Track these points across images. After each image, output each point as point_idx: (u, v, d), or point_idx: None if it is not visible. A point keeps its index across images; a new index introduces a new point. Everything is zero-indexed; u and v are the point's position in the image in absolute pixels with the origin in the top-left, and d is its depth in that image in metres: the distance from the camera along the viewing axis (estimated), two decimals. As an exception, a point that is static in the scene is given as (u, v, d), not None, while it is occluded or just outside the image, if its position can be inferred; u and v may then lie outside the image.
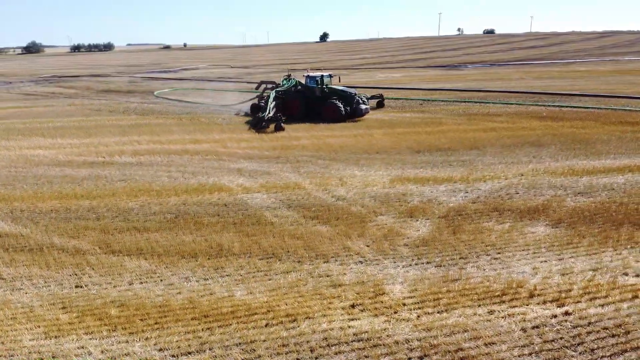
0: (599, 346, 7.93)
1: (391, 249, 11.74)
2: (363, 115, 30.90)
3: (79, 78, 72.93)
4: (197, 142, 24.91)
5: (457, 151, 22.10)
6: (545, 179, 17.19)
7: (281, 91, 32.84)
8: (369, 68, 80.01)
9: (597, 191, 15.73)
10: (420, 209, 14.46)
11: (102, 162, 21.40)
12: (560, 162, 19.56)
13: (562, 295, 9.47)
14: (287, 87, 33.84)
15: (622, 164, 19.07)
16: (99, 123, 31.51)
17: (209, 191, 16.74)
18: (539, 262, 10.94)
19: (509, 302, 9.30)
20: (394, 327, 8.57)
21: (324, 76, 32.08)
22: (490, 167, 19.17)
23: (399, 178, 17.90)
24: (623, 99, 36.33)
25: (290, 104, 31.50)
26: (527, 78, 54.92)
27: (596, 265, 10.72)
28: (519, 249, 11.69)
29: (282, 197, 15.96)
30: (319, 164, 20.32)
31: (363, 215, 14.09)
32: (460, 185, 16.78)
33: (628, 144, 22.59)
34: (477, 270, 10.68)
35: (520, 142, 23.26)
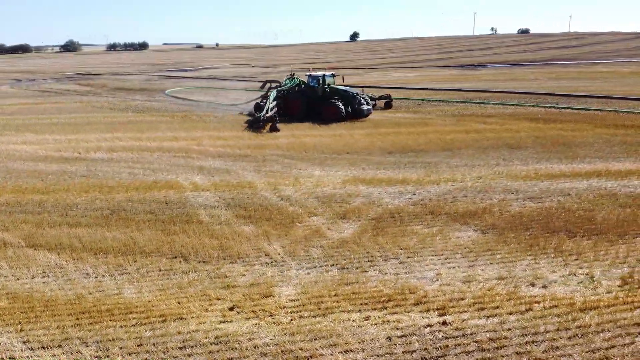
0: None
1: (304, 251, 11.50)
2: (365, 115, 30.19)
3: (101, 76, 74.74)
4: (175, 140, 25.12)
5: (429, 152, 21.59)
6: (502, 183, 16.58)
7: (283, 91, 32.56)
8: (386, 68, 79.22)
9: (550, 196, 15.06)
10: (356, 210, 14.15)
11: (76, 158, 21.79)
12: (528, 165, 18.85)
13: (451, 304, 9.07)
14: (289, 86, 33.61)
15: (593, 168, 18.24)
16: (93, 120, 32.19)
17: (158, 188, 16.82)
18: (446, 268, 10.52)
19: (391, 309, 8.96)
20: (259, 331, 8.38)
21: (325, 76, 31.53)
22: (453, 169, 18.63)
23: (354, 179, 17.59)
24: (631, 100, 34.76)
25: (291, 103, 31.19)
26: (542, 79, 53.30)
27: (505, 273, 10.23)
28: (433, 253, 11.28)
29: (227, 196, 15.89)
30: (284, 163, 20.18)
31: (297, 215, 13.88)
32: (411, 188, 16.35)
33: (612, 147, 21.61)
34: (378, 274, 10.36)
35: (499, 144, 22.55)
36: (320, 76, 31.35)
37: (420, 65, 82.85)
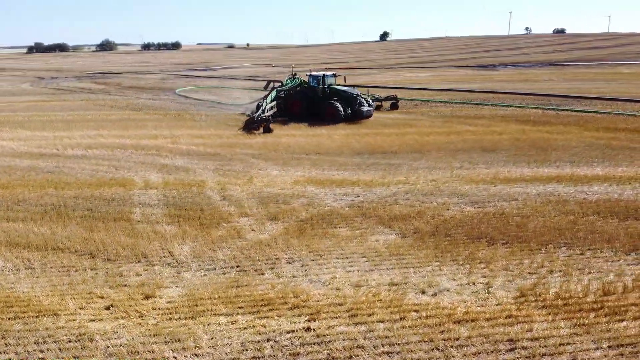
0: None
1: (212, 252, 11.39)
2: (365, 117, 29.52)
3: (121, 75, 76.43)
4: (155, 138, 25.40)
5: (398, 154, 21.19)
6: (453, 186, 16.10)
7: (284, 91, 32.31)
8: (402, 67, 78.30)
9: (495, 201, 14.52)
10: (290, 211, 13.97)
11: (52, 155, 22.27)
12: (491, 169, 18.26)
13: (327, 309, 8.82)
14: (290, 86, 33.38)
15: (558, 172, 17.54)
16: (89, 117, 32.88)
17: (110, 186, 17.01)
18: (344, 272, 10.25)
19: (263, 313, 8.77)
20: (120, 331, 8.33)
21: (326, 76, 30.97)
22: (413, 171, 18.22)
23: (307, 179, 17.39)
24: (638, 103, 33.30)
25: (291, 104, 30.88)
26: (557, 79, 51.71)
27: (401, 279, 9.89)
28: (341, 256, 11.01)
29: (171, 194, 15.93)
30: (248, 163, 20.15)
31: (227, 216, 13.79)
32: (359, 189, 16.04)
33: (592, 151, 20.75)
34: (274, 277, 10.17)
35: (473, 147, 21.96)
36: (320, 76, 30.76)
37: (439, 65, 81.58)
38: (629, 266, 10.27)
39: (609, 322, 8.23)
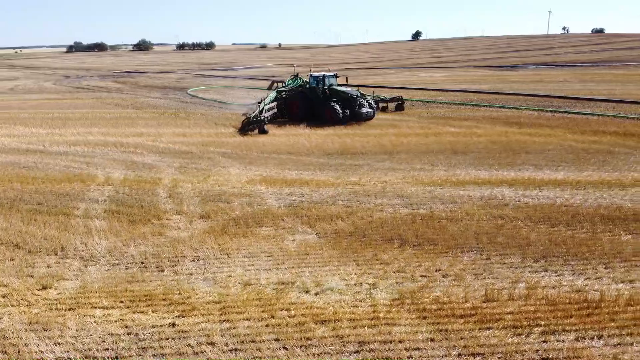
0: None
1: (125, 248, 11.68)
2: (364, 118, 29.06)
3: (143, 74, 78.44)
4: (139, 136, 26.07)
5: (367, 155, 21.15)
6: (400, 188, 15.99)
7: (284, 91, 32.17)
8: (421, 67, 77.46)
9: (431, 203, 14.36)
10: (225, 210, 14.17)
11: (36, 150, 23.16)
12: (449, 172, 18.04)
13: (203, 306, 8.97)
14: (291, 87, 33.23)
15: (516, 176, 17.20)
16: (87, 115, 33.97)
17: (71, 181, 17.60)
18: (241, 270, 10.38)
19: (140, 307, 8.99)
20: (5, 317, 8.70)
21: (325, 76, 30.65)
22: (370, 172, 18.16)
23: (262, 178, 17.57)
24: None
25: (292, 104, 30.61)
26: (572, 80, 50.26)
27: (291, 279, 9.95)
28: (247, 255, 11.14)
29: (124, 191, 16.36)
30: (214, 161, 20.50)
31: (161, 213, 14.08)
32: (307, 189, 16.12)
33: (565, 155, 20.25)
34: (171, 274, 10.39)
35: (444, 149, 21.72)
36: (320, 77, 30.41)
37: (461, 65, 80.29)
38: (529, 274, 10.01)
39: (473, 329, 8.08)
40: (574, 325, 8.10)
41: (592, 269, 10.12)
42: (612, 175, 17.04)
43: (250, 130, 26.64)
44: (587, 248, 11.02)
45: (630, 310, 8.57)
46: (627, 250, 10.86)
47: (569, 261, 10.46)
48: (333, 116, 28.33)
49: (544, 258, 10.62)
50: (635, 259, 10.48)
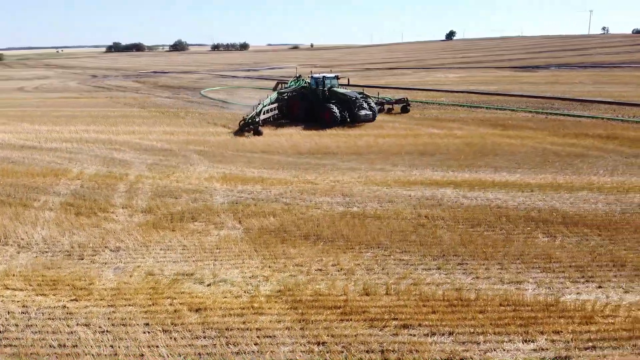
0: None
1: (59, 237, 12.44)
2: (362, 120, 28.79)
3: (166, 74, 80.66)
4: (130, 133, 27.17)
5: (337, 155, 21.54)
6: (347, 187, 16.34)
7: (286, 93, 32.25)
8: (441, 68, 76.75)
9: (368, 202, 14.65)
10: (169, 205, 14.84)
11: (30, 146, 24.48)
12: (405, 172, 18.28)
13: (97, 293, 9.62)
14: (293, 88, 33.36)
15: (469, 177, 17.28)
16: (93, 113, 35.46)
17: (45, 175, 18.66)
18: (153, 262, 10.96)
19: (43, 290, 9.71)
20: None
21: (326, 77, 30.57)
22: (330, 171, 18.55)
23: (223, 176, 18.18)
24: None
25: (292, 106, 30.75)
26: (587, 82, 49.04)
27: (193, 270, 10.49)
28: (165, 248, 11.71)
29: (89, 185, 17.27)
30: (187, 158, 21.29)
31: (109, 207, 14.82)
32: (258, 187, 16.64)
33: (534, 158, 20.14)
34: (88, 262, 11.07)
35: (415, 150, 21.92)
36: (320, 78, 30.43)
37: (483, 65, 79.13)
38: (422, 271, 10.25)
39: (334, 320, 8.43)
40: (433, 321, 8.34)
41: (485, 269, 10.28)
42: (569, 178, 16.89)
43: (247, 132, 26.81)
44: (493, 249, 11.15)
45: (500, 310, 8.73)
46: (532, 252, 10.93)
47: (466, 260, 10.63)
48: (330, 118, 28.20)
49: (444, 257, 10.82)
50: (536, 261, 10.56)
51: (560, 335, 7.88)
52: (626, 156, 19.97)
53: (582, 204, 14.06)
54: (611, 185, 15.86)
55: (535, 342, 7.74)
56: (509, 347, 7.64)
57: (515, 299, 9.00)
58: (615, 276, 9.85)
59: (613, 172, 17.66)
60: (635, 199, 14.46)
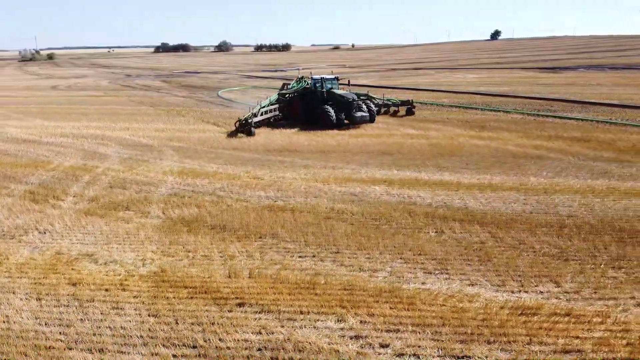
0: None
1: (2, 219, 13.97)
2: (358, 122, 28.74)
3: (196, 74, 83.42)
4: (124, 130, 28.96)
5: (300, 153, 22.38)
6: (287, 182, 17.22)
7: (287, 94, 32.66)
8: (467, 68, 75.87)
9: (293, 197, 15.48)
10: (114, 194, 16.19)
11: (31, 140, 26.52)
12: (352, 170, 18.95)
13: (8, 266, 10.95)
14: (294, 89, 33.61)
15: (400, 176, 17.84)
16: (104, 110, 37.77)
17: (27, 166, 20.45)
18: (68, 243, 12.15)
19: (-41, 264, 11.15)
20: None
21: (325, 79, 30.73)
22: (283, 168, 19.43)
23: (181, 170, 19.39)
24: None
25: (292, 107, 31.12)
26: (606, 84, 47.70)
27: (95, 251, 11.67)
28: (84, 232, 12.90)
29: (58, 176, 18.86)
30: (162, 153, 22.65)
31: (64, 194, 16.29)
32: (206, 181, 17.73)
33: (488, 159, 20.38)
34: (14, 241, 12.47)
35: (376, 150, 22.54)
36: (319, 79, 30.65)
37: (513, 66, 77.62)
38: (297, 258, 11.02)
39: (180, 297, 9.36)
40: (270, 301, 9.16)
41: (354, 258, 10.96)
42: (506, 179, 17.12)
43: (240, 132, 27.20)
44: (375, 241, 11.78)
45: (338, 293, 9.42)
46: (410, 245, 11.50)
47: (341, 250, 11.35)
48: (326, 120, 28.34)
49: (322, 247, 11.56)
50: (406, 253, 11.13)
51: (373, 318, 8.53)
52: (584, 159, 19.88)
53: (496, 204, 14.39)
54: (542, 187, 16.03)
55: (346, 322, 8.43)
56: (320, 325, 8.38)
57: (359, 284, 9.68)
58: (472, 270, 10.32)
59: (558, 174, 17.72)
60: (555, 200, 14.65)
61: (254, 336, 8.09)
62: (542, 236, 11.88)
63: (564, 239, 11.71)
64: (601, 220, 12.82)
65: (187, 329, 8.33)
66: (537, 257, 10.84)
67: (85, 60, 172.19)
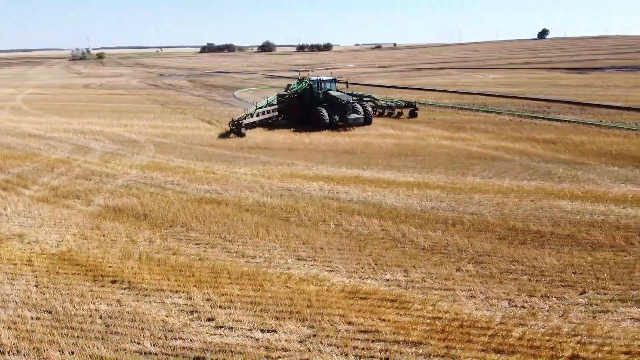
0: None
1: (-31, 204, 15.78)
2: (351, 124, 28.68)
3: (225, 74, 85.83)
4: (123, 126, 30.88)
5: (270, 150, 23.48)
6: (235, 177, 18.34)
7: (286, 95, 32.93)
8: (497, 68, 74.72)
9: (228, 191, 16.54)
10: (73, 184, 17.76)
11: (37, 135, 28.78)
12: (305, 167, 19.85)
13: (-58, 243, 12.59)
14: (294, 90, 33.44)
15: (345, 173, 18.59)
16: (116, 108, 40.04)
17: (19, 158, 22.46)
18: (7, 224, 13.80)
19: None
20: None
21: (322, 80, 30.83)
22: (242, 164, 20.56)
23: (149, 164, 20.89)
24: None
25: (290, 108, 31.25)
26: (623, 86, 46.23)
27: (22, 232, 13.14)
28: (25, 215, 14.48)
29: (40, 167, 20.70)
30: (141, 149, 24.24)
31: (32, 184, 18.03)
32: (162, 174, 19.09)
33: (439, 159, 20.77)
34: (-36, 223, 14.18)
35: (342, 149, 23.31)
36: (316, 81, 30.81)
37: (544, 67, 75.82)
38: (193, 246, 12.10)
39: (69, 274, 10.63)
40: (137, 278, 10.30)
41: (243, 245, 11.94)
42: (441, 178, 17.61)
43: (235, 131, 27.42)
44: (266, 229, 12.74)
45: (205, 274, 10.45)
46: (293, 234, 12.36)
47: (235, 238, 12.38)
48: (319, 121, 28.51)
49: (220, 236, 12.58)
50: (286, 241, 12.00)
51: (218, 296, 9.50)
52: (538, 160, 19.99)
53: (412, 201, 15.00)
54: (471, 186, 16.45)
55: (193, 299, 9.44)
56: (168, 301, 9.43)
57: (229, 268, 10.68)
58: (340, 258, 11.11)
59: (498, 174, 18.01)
60: (475, 199, 15.07)
61: (105, 307, 9.22)
62: (428, 230, 12.48)
63: (447, 234, 12.26)
64: (499, 219, 13.25)
65: (55, 298, 9.56)
66: (410, 249, 11.49)
67: (131, 60, 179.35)
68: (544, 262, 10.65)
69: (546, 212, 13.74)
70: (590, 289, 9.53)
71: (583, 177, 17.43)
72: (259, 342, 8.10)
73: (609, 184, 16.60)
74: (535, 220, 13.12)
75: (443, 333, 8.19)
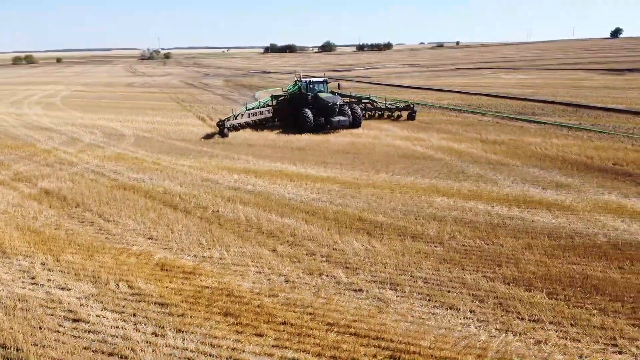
0: None
1: (-60, 184, 18.71)
2: (335, 127, 28.52)
3: (264, 74, 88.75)
4: (125, 121, 33.81)
5: (231, 146, 25.18)
6: (183, 170, 20.19)
7: (280, 96, 33.45)
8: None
9: (154, 180, 18.46)
10: (38, 171, 20.37)
11: (45, 127, 32.12)
12: (248, 162, 21.38)
13: None
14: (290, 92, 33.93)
15: (276, 168, 19.94)
16: (134, 105, 43.41)
17: (15, 147, 25.61)
18: (-48, 202, 16.45)
19: None
20: None
21: (312, 82, 30.85)
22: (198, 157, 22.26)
23: (116, 155, 23.23)
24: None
25: (283, 110, 31.41)
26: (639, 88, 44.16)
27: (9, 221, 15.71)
28: (-25, 195, 17.15)
29: (26, 155, 23.65)
30: (121, 140, 26.77)
31: (6, 169, 20.91)
32: (118, 164, 21.36)
33: (385, 159, 21.52)
34: None
35: (296, 147, 24.52)
36: (306, 82, 30.78)
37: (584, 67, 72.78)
38: (86, 225, 14.05)
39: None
40: (5, 244, 12.32)
41: (114, 223, 13.77)
42: (351, 174, 18.60)
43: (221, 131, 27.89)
44: (144, 211, 14.46)
45: (63, 244, 12.33)
46: (174, 218, 14.00)
47: (113, 217, 14.20)
48: (304, 123, 28.49)
49: (105, 215, 14.46)
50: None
51: (53, 262, 11.33)
52: (464, 161, 20.36)
53: (305, 193, 16.26)
54: (372, 182, 17.36)
55: (34, 263, 11.33)
56: (15, 263, 11.37)
57: (82, 241, 12.49)
58: (184, 240, 12.61)
59: (410, 173, 18.64)
60: (362, 193, 16.05)
61: (-38, 264, 11.31)
62: (293, 219, 13.67)
63: (295, 220, 13.45)
64: (362, 210, 14.23)
65: None
66: (253, 233, 12.82)
67: (194, 60, 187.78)
68: (352, 247, 11.65)
69: (409, 207, 14.52)
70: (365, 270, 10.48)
71: (489, 176, 17.83)
72: (51, 295, 9.84)
73: (509, 184, 16.93)
74: (387, 212, 13.99)
75: (201, 299, 9.55)
